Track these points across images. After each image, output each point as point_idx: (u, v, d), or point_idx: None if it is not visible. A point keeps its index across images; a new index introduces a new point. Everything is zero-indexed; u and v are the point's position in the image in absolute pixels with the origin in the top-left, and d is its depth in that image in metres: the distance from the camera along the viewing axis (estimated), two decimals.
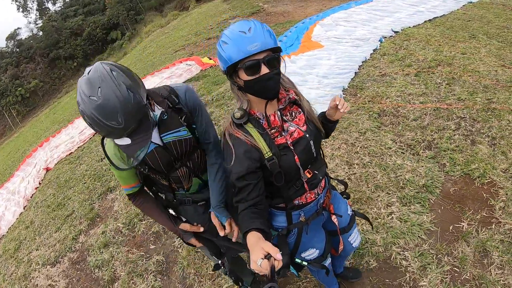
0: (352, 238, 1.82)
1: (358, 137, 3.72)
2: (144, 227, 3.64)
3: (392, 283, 2.31)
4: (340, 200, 1.76)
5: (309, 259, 1.63)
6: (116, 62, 1.30)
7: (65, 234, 4.13)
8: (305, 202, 1.49)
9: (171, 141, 1.50)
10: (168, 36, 13.50)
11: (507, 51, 5.10)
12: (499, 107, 3.67)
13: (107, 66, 1.20)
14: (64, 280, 3.47)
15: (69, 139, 7.15)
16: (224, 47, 1.22)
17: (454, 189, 2.88)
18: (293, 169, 1.36)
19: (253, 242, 1.12)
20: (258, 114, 1.37)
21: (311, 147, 1.40)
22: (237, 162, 1.29)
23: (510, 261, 2.24)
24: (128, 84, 1.19)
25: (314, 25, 7.05)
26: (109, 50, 26.41)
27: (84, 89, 1.16)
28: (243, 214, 1.29)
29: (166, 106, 1.45)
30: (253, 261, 1.00)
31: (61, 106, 13.88)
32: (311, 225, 1.57)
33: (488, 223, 2.53)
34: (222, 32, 1.27)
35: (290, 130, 1.37)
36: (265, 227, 1.23)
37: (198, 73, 7.41)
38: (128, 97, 1.17)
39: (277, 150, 1.31)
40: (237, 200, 1.33)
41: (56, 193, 5.29)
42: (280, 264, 1.00)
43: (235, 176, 1.29)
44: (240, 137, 1.30)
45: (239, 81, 1.27)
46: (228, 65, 1.23)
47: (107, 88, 1.14)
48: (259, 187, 1.32)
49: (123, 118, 1.16)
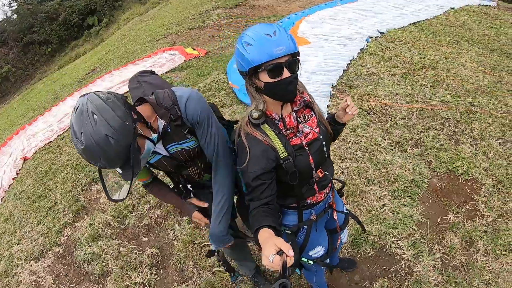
0: (344, 234, 1.91)
1: (349, 133, 3.84)
2: (135, 219, 3.57)
3: (389, 270, 2.46)
4: (338, 198, 1.84)
5: (315, 257, 1.69)
6: (105, 93, 1.25)
7: (48, 227, 3.97)
8: (316, 201, 1.54)
9: (177, 150, 1.53)
10: (148, 25, 13.13)
11: (488, 58, 5.41)
12: (480, 111, 3.91)
13: (91, 106, 1.17)
14: (50, 275, 3.34)
15: (47, 127, 6.83)
16: (248, 48, 1.22)
17: (440, 184, 3.06)
18: (307, 169, 1.40)
19: (266, 238, 1.13)
20: (274, 115, 1.38)
21: (324, 148, 1.45)
22: (254, 161, 1.31)
23: (494, 249, 2.47)
24: (109, 130, 1.16)
25: (300, 21, 7.09)
26: (85, 36, 25.33)
27: (72, 129, 1.18)
28: (255, 212, 1.32)
29: (168, 120, 1.42)
30: (265, 257, 1.00)
31: (35, 93, 13.19)
32: (318, 223, 1.63)
33: (473, 215, 2.74)
34: (244, 32, 1.27)
35: (305, 132, 1.41)
36: (277, 225, 1.26)
37: (181, 63, 7.25)
38: (107, 144, 1.15)
39: (292, 151, 1.35)
40: (249, 198, 1.36)
41: (36, 183, 5.06)
42: (292, 260, 0.99)
43: (252, 176, 1.31)
44: (258, 137, 1.32)
45: (258, 83, 1.28)
46: (251, 67, 1.23)
47: (86, 135, 1.14)
48: (272, 187, 1.35)
49: (105, 162, 1.20)
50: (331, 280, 2.47)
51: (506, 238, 2.53)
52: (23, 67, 24.98)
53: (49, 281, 3.29)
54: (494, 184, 2.99)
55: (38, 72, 23.84)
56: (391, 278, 2.41)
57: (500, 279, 2.30)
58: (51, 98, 9.69)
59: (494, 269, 2.36)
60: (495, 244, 2.51)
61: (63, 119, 6.92)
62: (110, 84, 7.23)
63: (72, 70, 13.06)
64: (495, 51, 5.89)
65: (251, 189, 1.34)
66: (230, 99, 5.11)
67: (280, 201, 1.48)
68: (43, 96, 10.93)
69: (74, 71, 12.41)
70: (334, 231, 1.79)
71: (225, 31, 8.42)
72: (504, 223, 2.65)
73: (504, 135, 3.55)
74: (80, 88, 8.27)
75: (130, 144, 1.21)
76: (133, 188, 3.95)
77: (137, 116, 1.30)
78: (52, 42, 26.07)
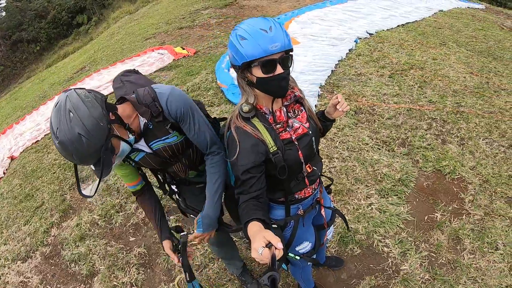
0: (330, 231, 1.92)
1: (336, 133, 3.86)
2: (122, 219, 3.54)
3: (376, 268, 2.48)
4: (326, 195, 1.85)
5: (302, 253, 1.70)
6: (86, 92, 1.28)
7: (35, 227, 3.91)
8: (303, 196, 1.55)
9: (161, 147, 1.52)
10: (138, 24, 12.99)
11: (475, 60, 5.51)
12: (467, 111, 3.97)
13: (69, 104, 1.21)
14: (37, 276, 3.28)
15: (35, 126, 6.72)
16: (242, 42, 1.21)
17: (427, 183, 3.10)
18: (296, 163, 1.41)
19: (255, 231, 1.13)
20: (264, 109, 1.38)
21: (313, 143, 1.46)
22: (244, 155, 1.31)
23: (481, 247, 2.50)
24: (82, 130, 1.18)
25: (289, 22, 7.10)
26: (74, 35, 24.96)
27: (50, 123, 1.23)
28: (245, 205, 1.32)
29: (149, 117, 1.43)
30: (254, 249, 1.00)
31: (23, 92, 12.95)
32: (305, 219, 1.64)
33: (459, 214, 2.78)
34: (238, 25, 1.26)
35: (294, 126, 1.41)
36: (266, 218, 1.27)
37: (170, 63, 7.21)
38: (80, 143, 1.18)
39: (281, 145, 1.35)
40: (239, 192, 1.36)
41: (23, 183, 4.98)
42: (281, 253, 0.99)
43: (241, 169, 1.31)
44: (248, 130, 1.32)
45: (251, 77, 1.28)
46: (245, 61, 1.22)
47: (61, 132, 1.18)
48: (261, 181, 1.35)
49: (78, 159, 1.23)
50: (319, 278, 2.48)
51: (493, 236, 2.57)
52: (11, 65, 24.52)
53: (36, 282, 3.23)
54: (481, 183, 3.04)
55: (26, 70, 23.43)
56: (378, 276, 2.43)
57: (487, 276, 2.34)
58: (39, 97, 9.54)
59: (481, 266, 2.40)
60: (481, 242, 2.55)
61: None
62: (99, 83, 7.13)
63: (61, 68, 12.86)
64: (483, 53, 6.00)
65: (241, 183, 1.34)
66: (219, 98, 5.09)
67: (268, 195, 1.48)
68: (31, 95, 10.75)
69: (63, 69, 12.23)
70: (321, 227, 1.80)
71: (215, 31, 8.39)
72: (491, 221, 2.69)
73: (491, 135, 3.62)
74: (69, 87, 8.14)
75: (103, 145, 1.23)
76: (120, 187, 3.92)
77: (115, 118, 1.33)
78: (40, 40, 25.65)
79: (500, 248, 2.50)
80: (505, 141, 3.53)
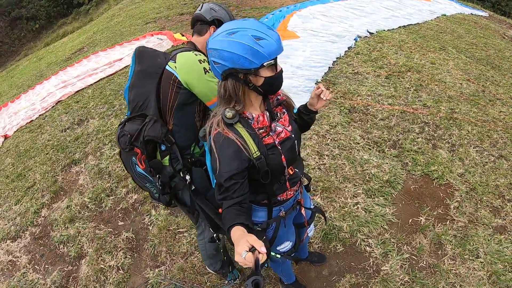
0: (310, 228, 1.96)
1: (328, 130, 3.89)
2: (112, 203, 3.56)
3: (357, 266, 2.54)
4: (306, 195, 1.88)
5: (283, 252, 1.74)
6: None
7: (26, 207, 3.92)
8: (285, 198, 1.58)
9: None
10: (139, 7, 12.81)
11: (473, 67, 5.53)
12: (460, 118, 4.02)
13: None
14: (26, 256, 3.32)
15: (30, 106, 6.66)
16: (261, 42, 1.19)
17: (414, 186, 3.15)
18: (279, 167, 1.42)
19: (238, 236, 1.14)
20: (247, 114, 1.38)
21: (296, 146, 1.48)
22: (227, 162, 1.30)
23: (462, 254, 2.56)
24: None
25: (291, 15, 7.06)
26: (74, 14, 24.53)
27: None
28: (228, 211, 1.31)
29: None
30: (237, 254, 1.01)
31: (19, 70, 12.77)
32: (286, 219, 1.67)
33: (444, 219, 2.84)
34: (244, 28, 1.22)
35: (277, 131, 1.42)
36: (250, 223, 1.28)
37: (169, 49, 7.18)
38: None
39: (265, 150, 1.36)
40: (221, 198, 1.34)
41: (16, 162, 4.97)
42: (265, 257, 1.00)
43: (225, 176, 1.30)
44: (230, 136, 1.31)
45: (256, 80, 1.28)
46: (266, 61, 1.22)
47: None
48: (244, 186, 1.34)
49: None
50: (300, 272, 2.54)
51: (475, 244, 2.62)
52: (9, 42, 24.12)
53: (24, 261, 3.27)
54: (468, 191, 3.08)
55: (24, 48, 23.06)
56: (358, 275, 2.49)
57: (465, 283, 2.39)
58: (36, 76, 9.43)
59: (460, 273, 2.45)
60: (463, 248, 2.60)
61: (46, 98, 6.75)
62: (96, 65, 7.08)
63: (59, 48, 12.67)
64: (482, 61, 6.02)
65: (224, 189, 1.32)
66: None
67: (251, 198, 1.49)
68: (28, 74, 10.62)
69: (61, 49, 12.06)
70: (301, 226, 1.85)
71: None
72: (474, 229, 2.74)
73: (482, 143, 3.66)
74: (66, 67, 8.07)
75: None
76: (112, 171, 3.94)
77: None
78: (40, 18, 25.20)
79: (481, 256, 2.55)
80: (495, 151, 3.58)
